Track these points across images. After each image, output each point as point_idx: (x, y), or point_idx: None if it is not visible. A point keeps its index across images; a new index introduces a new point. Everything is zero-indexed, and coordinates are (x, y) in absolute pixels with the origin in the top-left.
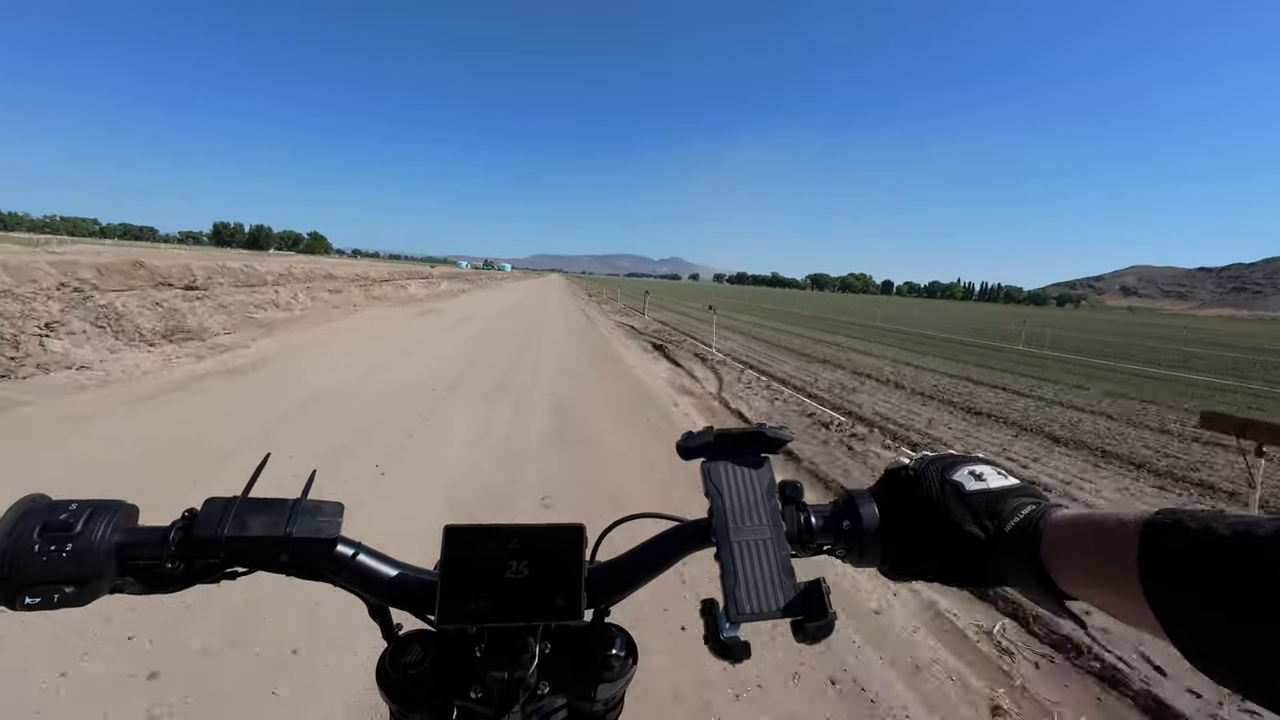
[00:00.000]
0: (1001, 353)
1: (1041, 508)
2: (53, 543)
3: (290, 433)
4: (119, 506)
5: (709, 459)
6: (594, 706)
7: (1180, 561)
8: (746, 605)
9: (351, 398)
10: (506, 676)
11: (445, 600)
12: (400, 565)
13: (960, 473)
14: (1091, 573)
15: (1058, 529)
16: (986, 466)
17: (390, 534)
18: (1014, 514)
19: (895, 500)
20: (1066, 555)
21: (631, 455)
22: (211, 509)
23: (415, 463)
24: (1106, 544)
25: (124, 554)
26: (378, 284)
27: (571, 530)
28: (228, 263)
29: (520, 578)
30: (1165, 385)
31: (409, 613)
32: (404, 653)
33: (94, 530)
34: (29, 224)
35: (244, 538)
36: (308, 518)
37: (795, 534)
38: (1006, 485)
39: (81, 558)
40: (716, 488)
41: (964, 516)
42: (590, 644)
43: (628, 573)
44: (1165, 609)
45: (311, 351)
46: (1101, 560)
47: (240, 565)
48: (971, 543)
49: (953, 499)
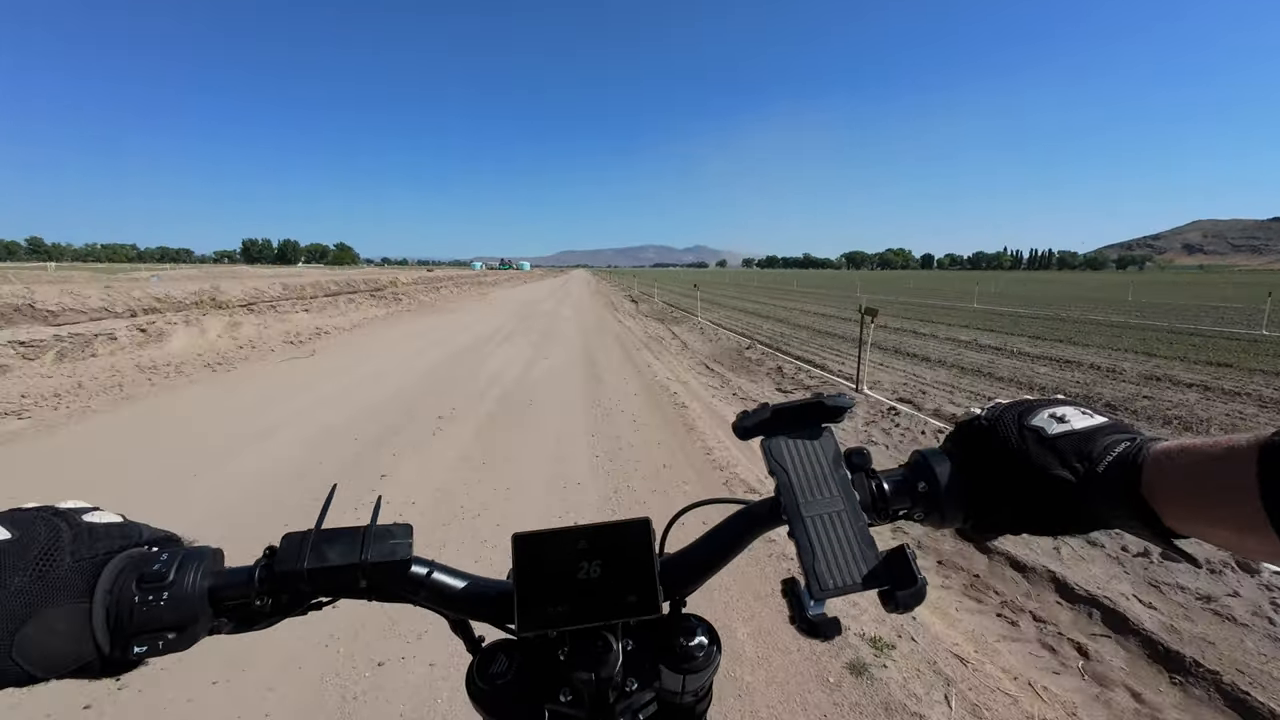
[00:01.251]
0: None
1: (1138, 442)
2: (150, 593)
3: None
4: (206, 552)
5: (768, 436)
6: (683, 699)
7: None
8: (830, 580)
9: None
10: (593, 677)
11: (523, 608)
12: (473, 578)
13: (1039, 416)
14: (1204, 505)
15: (1159, 462)
16: (1067, 407)
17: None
18: (1107, 452)
19: (970, 455)
20: (1173, 489)
21: None
22: (289, 544)
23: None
24: (1218, 472)
25: (216, 596)
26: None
27: (639, 525)
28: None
29: (594, 578)
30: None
31: (489, 624)
32: (490, 663)
33: (186, 577)
34: (72, 254)
35: (323, 568)
36: (380, 542)
37: (869, 502)
38: (1094, 424)
39: (179, 605)
40: (780, 464)
41: (1050, 461)
42: (672, 636)
43: (700, 561)
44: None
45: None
46: (1214, 489)
47: (323, 595)
48: (1062, 487)
49: (1034, 444)
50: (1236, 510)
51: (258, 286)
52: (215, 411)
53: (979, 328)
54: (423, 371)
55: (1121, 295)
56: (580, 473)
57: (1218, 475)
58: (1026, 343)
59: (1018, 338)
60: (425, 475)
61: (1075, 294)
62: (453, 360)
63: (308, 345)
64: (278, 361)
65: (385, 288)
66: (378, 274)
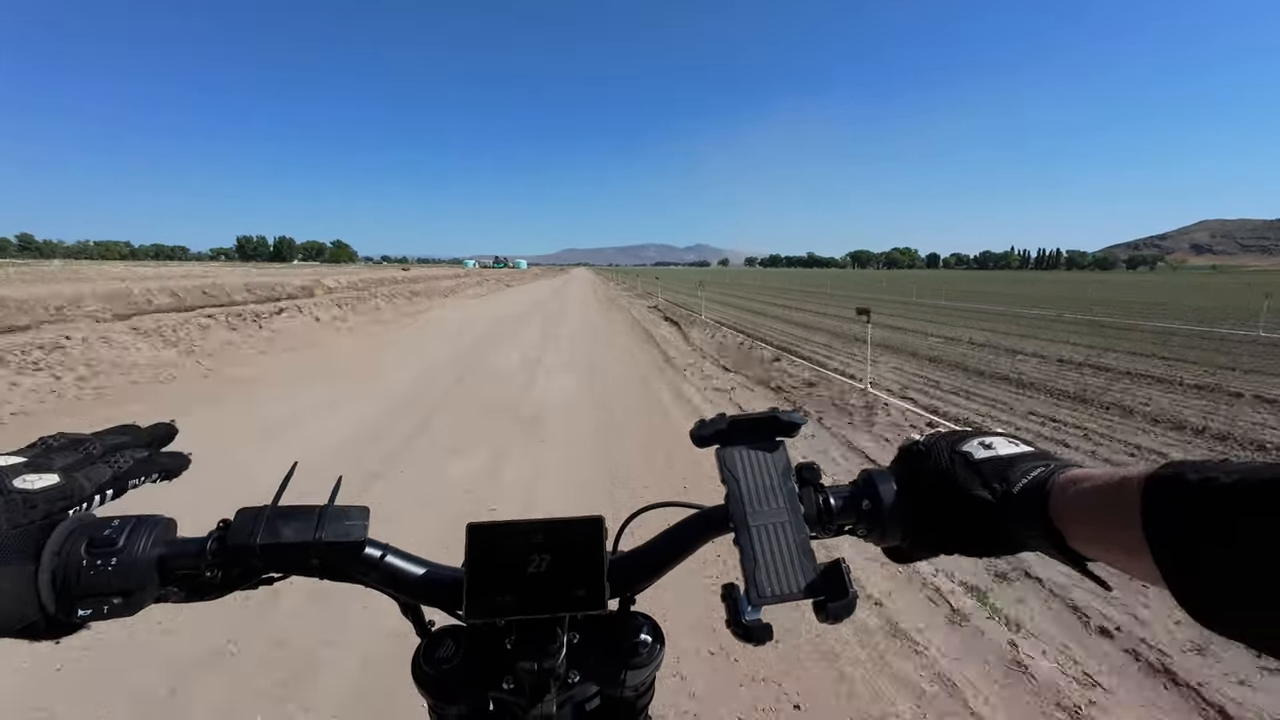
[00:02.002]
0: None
1: (1051, 468)
2: (99, 558)
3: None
4: (158, 521)
5: (723, 445)
6: (624, 693)
7: (1182, 515)
8: (767, 588)
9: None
10: (536, 667)
11: (472, 596)
12: (427, 564)
13: (970, 443)
14: (1099, 531)
15: (1065, 487)
16: (997, 437)
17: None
18: (1023, 476)
19: (910, 476)
20: (1075, 514)
21: None
22: (244, 518)
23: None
24: (1110, 501)
25: (165, 565)
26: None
27: (590, 522)
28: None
29: (543, 571)
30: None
31: (439, 609)
32: (437, 648)
33: (136, 544)
34: (64, 250)
35: (276, 544)
36: (336, 523)
37: (814, 516)
38: (1018, 452)
39: (126, 571)
40: (732, 473)
41: (972, 482)
42: (617, 632)
43: (649, 561)
44: (1170, 565)
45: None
46: (1107, 518)
47: (275, 570)
48: (982, 507)
49: (961, 467)
50: (1125, 536)
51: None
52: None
53: (1077, 342)
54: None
55: (1154, 297)
56: None
57: (1110, 503)
58: (1160, 366)
59: (1144, 358)
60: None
61: (1110, 296)
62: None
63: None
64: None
65: (287, 298)
66: (320, 274)
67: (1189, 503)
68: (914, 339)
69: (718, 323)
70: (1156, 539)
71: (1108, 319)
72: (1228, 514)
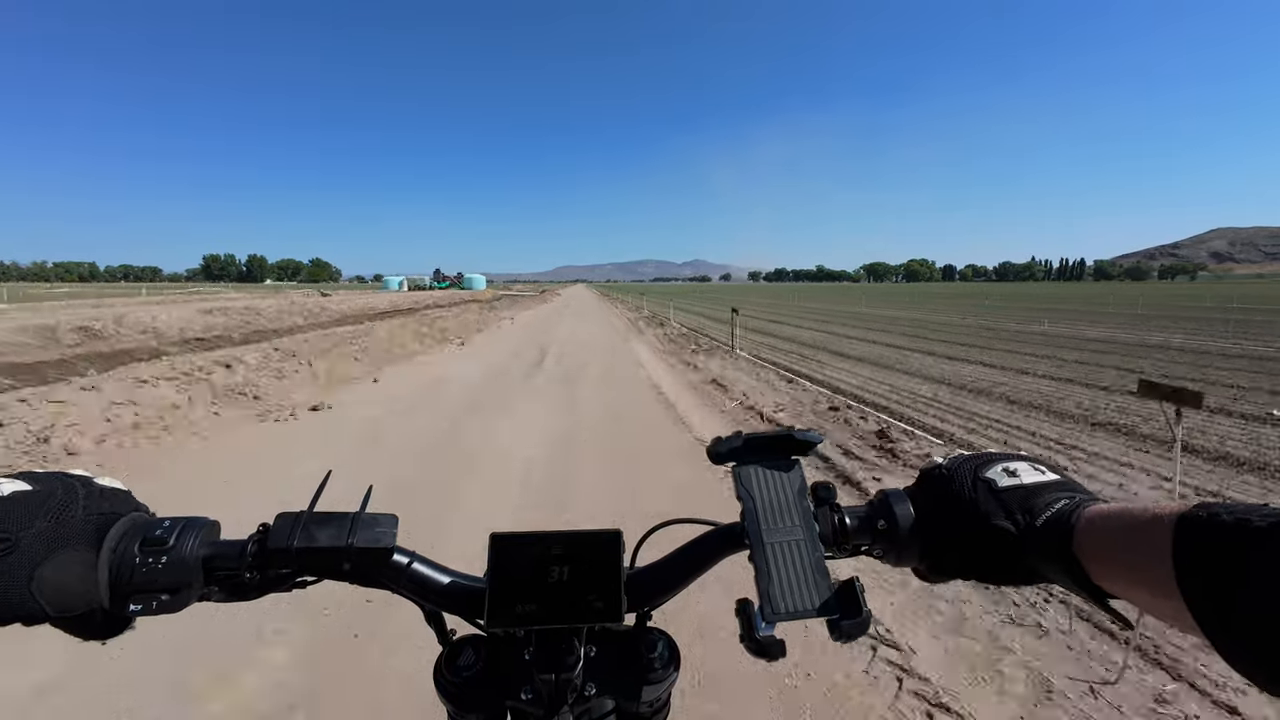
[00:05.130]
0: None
1: (1076, 501)
2: (151, 556)
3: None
4: (204, 523)
5: (739, 463)
6: (640, 708)
7: (1216, 557)
8: (781, 605)
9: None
10: (555, 678)
11: (494, 605)
12: (452, 573)
13: (993, 469)
14: (1125, 569)
15: (1091, 523)
16: (1022, 463)
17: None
18: (1047, 508)
19: (929, 499)
20: (1100, 550)
21: None
22: (283, 522)
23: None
24: (1139, 538)
25: (209, 565)
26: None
27: (610, 536)
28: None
29: (563, 582)
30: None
31: (461, 618)
32: (458, 656)
33: (184, 544)
34: (18, 273)
35: (311, 549)
36: (367, 529)
37: (829, 535)
38: (1042, 480)
39: (175, 569)
40: (748, 491)
41: (995, 511)
42: (633, 647)
43: (666, 576)
44: (1202, 607)
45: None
46: (1135, 556)
47: (309, 574)
48: (1003, 538)
49: (984, 495)
50: (1153, 575)
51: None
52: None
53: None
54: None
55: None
56: None
57: (1139, 539)
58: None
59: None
60: None
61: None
62: None
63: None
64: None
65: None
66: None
67: (1223, 545)
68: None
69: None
70: (1187, 579)
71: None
72: (1267, 558)
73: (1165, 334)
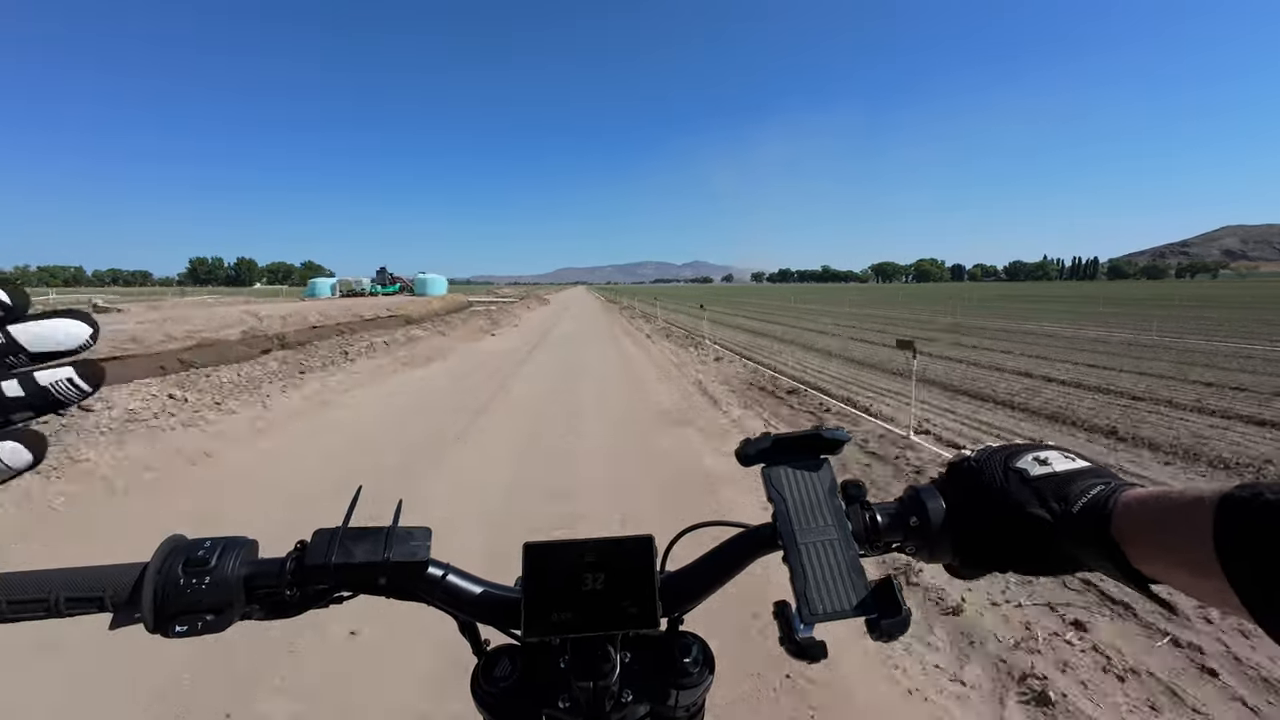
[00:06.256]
0: None
1: (1112, 486)
2: (194, 576)
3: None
4: (244, 542)
5: (768, 464)
6: (675, 714)
7: (1261, 536)
8: (819, 605)
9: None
10: (592, 685)
11: (529, 614)
12: (485, 583)
13: (1024, 459)
14: (1166, 551)
15: (1128, 507)
16: (1052, 451)
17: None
18: (1082, 494)
19: (960, 493)
20: (1139, 534)
21: None
22: (319, 539)
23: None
24: (1179, 521)
25: (250, 584)
26: None
27: (642, 541)
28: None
29: (597, 589)
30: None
31: (495, 628)
32: (495, 666)
33: (226, 564)
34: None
35: (349, 564)
36: (402, 543)
37: (861, 533)
38: (1074, 468)
39: (218, 590)
40: (778, 491)
41: (1029, 500)
42: (667, 653)
43: (698, 580)
44: (1247, 587)
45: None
46: (1175, 538)
47: (346, 590)
48: (1039, 526)
49: (1016, 484)
50: (1195, 556)
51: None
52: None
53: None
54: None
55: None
56: None
57: (1179, 521)
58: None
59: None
60: None
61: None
62: None
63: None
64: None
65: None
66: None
67: (1269, 524)
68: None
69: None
70: (1231, 560)
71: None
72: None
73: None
